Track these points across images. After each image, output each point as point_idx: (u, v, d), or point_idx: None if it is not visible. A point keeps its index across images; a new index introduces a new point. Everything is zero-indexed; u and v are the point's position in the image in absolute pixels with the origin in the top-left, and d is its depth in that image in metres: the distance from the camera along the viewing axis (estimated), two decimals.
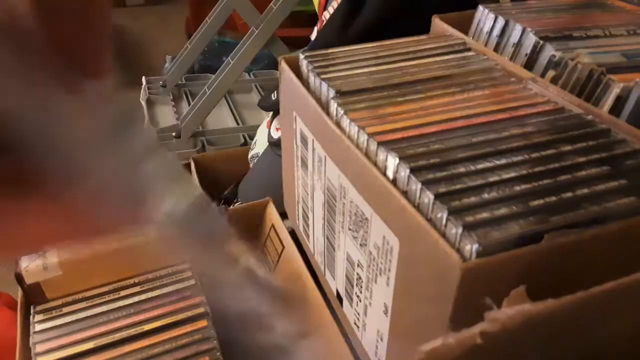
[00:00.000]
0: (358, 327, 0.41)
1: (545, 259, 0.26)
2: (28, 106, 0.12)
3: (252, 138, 0.97)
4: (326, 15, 0.76)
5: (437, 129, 0.35)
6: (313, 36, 0.84)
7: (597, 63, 0.41)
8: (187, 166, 0.88)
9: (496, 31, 0.50)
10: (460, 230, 0.26)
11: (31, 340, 0.42)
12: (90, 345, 0.42)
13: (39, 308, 0.44)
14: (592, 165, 0.31)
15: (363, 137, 0.35)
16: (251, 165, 0.86)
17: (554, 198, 0.28)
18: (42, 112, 0.13)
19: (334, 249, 0.43)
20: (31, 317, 0.44)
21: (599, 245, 0.28)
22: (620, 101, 0.39)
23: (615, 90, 0.39)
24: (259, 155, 0.83)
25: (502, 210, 0.28)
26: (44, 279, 0.43)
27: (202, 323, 0.44)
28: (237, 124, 1.28)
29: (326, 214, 0.43)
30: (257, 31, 1.16)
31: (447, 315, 0.27)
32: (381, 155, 0.33)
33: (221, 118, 1.33)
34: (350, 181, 0.37)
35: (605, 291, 0.25)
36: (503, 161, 0.31)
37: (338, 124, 0.38)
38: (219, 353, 0.42)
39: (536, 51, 0.46)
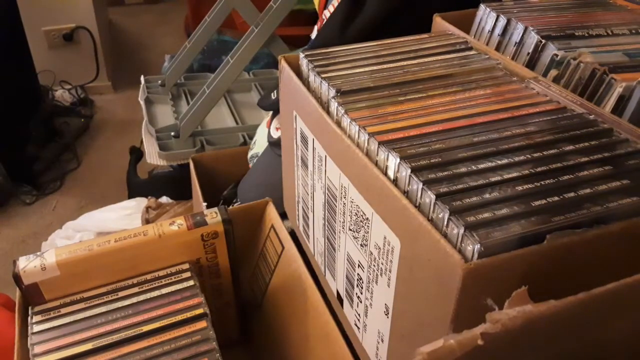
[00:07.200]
0: (358, 328, 0.41)
1: (547, 259, 0.26)
2: None
3: (251, 138, 0.96)
4: (326, 14, 0.76)
5: (438, 129, 0.35)
6: (313, 35, 0.84)
7: (599, 62, 0.41)
8: (186, 166, 0.87)
9: (498, 30, 0.50)
10: (461, 230, 0.26)
11: (29, 341, 0.42)
12: (88, 346, 0.41)
13: (37, 309, 0.44)
14: (594, 165, 0.31)
15: (364, 137, 0.35)
16: (250, 165, 0.86)
17: (556, 198, 0.28)
18: None
19: (334, 249, 0.43)
20: (29, 318, 0.43)
21: (601, 246, 0.28)
22: (622, 100, 0.39)
23: (617, 90, 0.39)
24: (259, 155, 0.83)
25: (504, 211, 0.27)
26: (42, 279, 0.43)
27: (202, 324, 0.43)
28: (237, 123, 1.27)
29: (326, 214, 0.43)
30: (256, 30, 1.16)
31: (448, 316, 0.26)
32: (382, 154, 0.33)
33: (220, 117, 1.32)
34: (350, 181, 0.36)
35: (607, 292, 0.25)
36: (505, 161, 0.31)
37: (338, 124, 0.38)
38: (218, 354, 0.42)
39: (538, 50, 0.45)
